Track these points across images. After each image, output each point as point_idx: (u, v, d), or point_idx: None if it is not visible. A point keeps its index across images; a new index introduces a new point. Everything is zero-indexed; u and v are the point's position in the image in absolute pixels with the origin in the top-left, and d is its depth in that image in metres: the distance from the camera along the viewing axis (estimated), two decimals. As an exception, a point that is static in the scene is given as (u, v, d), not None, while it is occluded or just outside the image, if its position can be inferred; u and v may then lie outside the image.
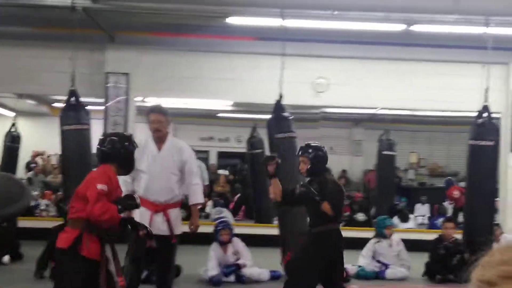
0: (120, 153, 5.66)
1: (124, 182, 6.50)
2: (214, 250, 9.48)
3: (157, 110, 7.08)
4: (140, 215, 6.58)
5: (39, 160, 21.09)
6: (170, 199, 6.86)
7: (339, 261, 6.42)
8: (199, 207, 7.38)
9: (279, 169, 6.40)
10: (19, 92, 15.71)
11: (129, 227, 5.61)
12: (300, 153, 6.63)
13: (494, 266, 0.97)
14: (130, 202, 5.54)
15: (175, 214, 6.88)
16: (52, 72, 13.01)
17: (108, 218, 5.28)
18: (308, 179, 6.60)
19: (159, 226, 6.75)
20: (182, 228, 7.09)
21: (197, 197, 6.99)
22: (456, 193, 18.13)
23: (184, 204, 7.53)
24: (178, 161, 6.86)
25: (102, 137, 5.95)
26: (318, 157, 6.44)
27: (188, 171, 6.89)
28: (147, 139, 6.98)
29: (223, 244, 9.61)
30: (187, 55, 13.42)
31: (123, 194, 5.75)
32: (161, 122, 6.93)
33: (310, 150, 6.51)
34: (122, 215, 5.53)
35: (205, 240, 9.88)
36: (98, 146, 5.79)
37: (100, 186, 5.31)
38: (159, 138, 6.94)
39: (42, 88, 13.84)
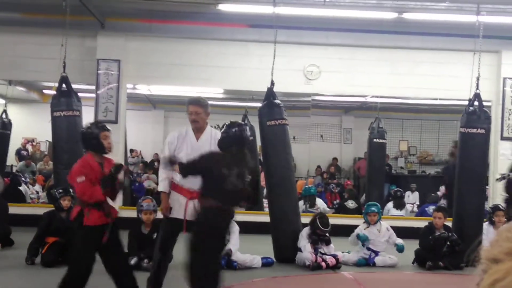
0: (88, 140, 6.57)
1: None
2: None
3: (195, 101, 7.20)
4: (178, 201, 7.01)
5: (29, 147, 21.03)
6: None
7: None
8: None
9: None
10: (9, 79, 15.63)
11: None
12: None
13: (500, 243, 0.99)
14: (108, 181, 6.45)
15: None
16: (42, 58, 12.97)
17: (95, 199, 6.40)
18: None
19: (193, 212, 6.92)
20: None
21: None
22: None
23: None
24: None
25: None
26: (225, 134, 6.49)
27: None
28: (188, 130, 7.17)
29: None
30: (178, 42, 13.40)
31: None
32: (198, 113, 7.07)
33: (223, 127, 6.63)
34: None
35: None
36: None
37: (79, 180, 6.36)
38: (197, 129, 7.11)
39: (32, 74, 13.79)
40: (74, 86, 11.23)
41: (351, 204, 14.93)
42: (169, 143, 7.11)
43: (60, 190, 9.57)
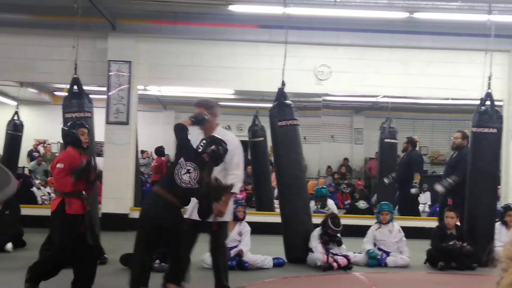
0: (68, 137, 7.36)
1: None
2: None
3: (200, 103, 7.20)
4: (192, 201, 6.91)
5: (41, 148, 21.10)
6: None
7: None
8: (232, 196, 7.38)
9: None
10: (21, 80, 15.70)
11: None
12: None
13: None
14: (78, 169, 7.10)
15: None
16: (53, 60, 13.02)
17: (61, 187, 7.11)
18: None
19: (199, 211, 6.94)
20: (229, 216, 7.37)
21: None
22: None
23: None
24: None
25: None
26: (201, 148, 6.67)
27: (229, 161, 6.99)
28: (199, 132, 7.14)
29: (236, 220, 9.62)
30: (189, 43, 13.41)
31: None
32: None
33: (208, 139, 6.83)
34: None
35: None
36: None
37: (59, 165, 7.13)
38: (206, 131, 7.08)
39: (43, 76, 13.82)
40: (85, 87, 11.24)
41: (362, 204, 14.89)
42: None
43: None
